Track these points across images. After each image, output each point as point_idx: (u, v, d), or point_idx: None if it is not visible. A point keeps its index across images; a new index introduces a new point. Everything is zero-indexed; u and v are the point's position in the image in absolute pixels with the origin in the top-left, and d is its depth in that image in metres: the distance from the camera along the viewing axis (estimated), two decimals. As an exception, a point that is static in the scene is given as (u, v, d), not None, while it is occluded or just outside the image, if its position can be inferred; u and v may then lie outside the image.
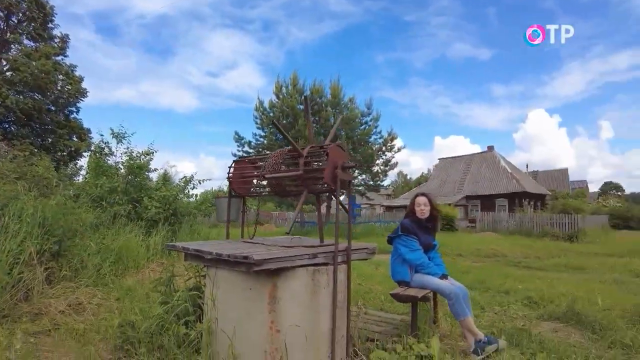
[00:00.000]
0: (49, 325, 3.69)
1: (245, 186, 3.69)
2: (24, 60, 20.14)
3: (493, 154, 32.56)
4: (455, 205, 29.02)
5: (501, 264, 10.63)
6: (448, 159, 36.65)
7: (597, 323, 3.95)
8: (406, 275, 3.51)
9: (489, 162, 32.03)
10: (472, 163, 33.18)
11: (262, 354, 2.68)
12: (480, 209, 28.55)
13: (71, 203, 4.89)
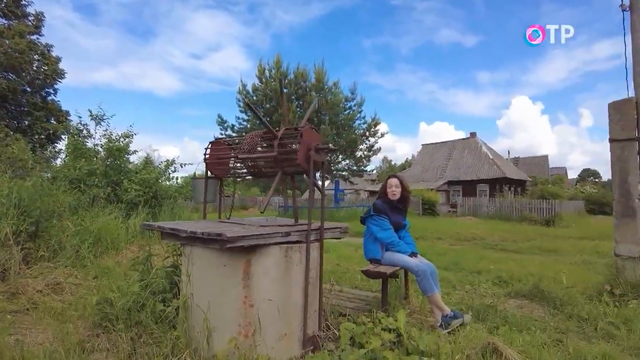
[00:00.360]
0: (26, 304, 3.72)
1: (221, 167, 3.74)
2: (-3, 38, 19.44)
3: (475, 140, 33.06)
4: (437, 190, 29.50)
5: (478, 247, 10.97)
6: (431, 144, 37.07)
7: (559, 299, 4.18)
8: (377, 253, 3.65)
9: (471, 148, 32.54)
10: (454, 149, 33.66)
11: (236, 328, 2.79)
12: (461, 194, 29.11)
13: (48, 184, 4.86)
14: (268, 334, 2.82)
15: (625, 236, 4.17)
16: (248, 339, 2.78)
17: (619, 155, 4.17)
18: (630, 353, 3.02)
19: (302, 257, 2.99)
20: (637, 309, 3.72)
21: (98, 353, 2.94)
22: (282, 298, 2.88)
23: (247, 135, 3.48)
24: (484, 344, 2.68)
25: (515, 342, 2.97)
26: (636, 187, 4.06)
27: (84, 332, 3.27)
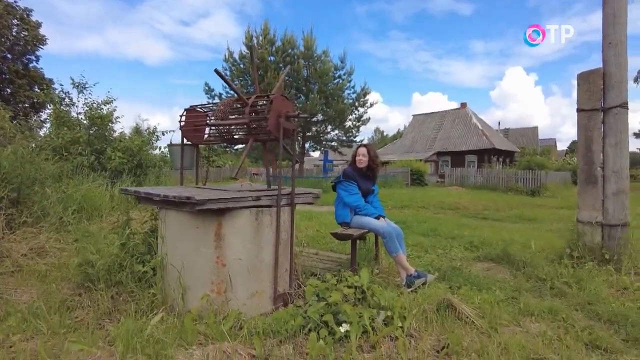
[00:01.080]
0: (11, 267, 3.87)
1: (197, 134, 3.82)
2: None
3: (466, 111, 33.08)
4: (426, 161, 29.75)
5: (460, 215, 11.27)
6: (421, 115, 37.03)
7: (522, 262, 4.42)
8: (347, 217, 3.82)
9: (461, 119, 32.61)
10: (444, 120, 33.71)
11: (209, 285, 2.96)
12: (450, 165, 29.41)
13: (28, 152, 4.90)
14: (240, 292, 3.00)
15: (586, 203, 4.38)
16: (220, 296, 2.96)
17: (585, 124, 4.32)
18: (576, 308, 3.27)
19: (272, 220, 3.14)
20: (592, 270, 3.97)
21: (80, 310, 3.10)
22: (253, 258, 3.05)
23: (220, 102, 3.55)
24: (440, 299, 2.90)
25: (473, 300, 3.18)
26: (599, 156, 4.23)
27: (67, 291, 3.42)
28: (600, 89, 4.19)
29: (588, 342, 2.61)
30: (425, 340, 2.45)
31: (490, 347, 2.38)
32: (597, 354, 2.48)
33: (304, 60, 19.96)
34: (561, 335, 2.67)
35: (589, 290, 3.53)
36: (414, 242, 5.86)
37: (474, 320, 2.75)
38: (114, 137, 7.72)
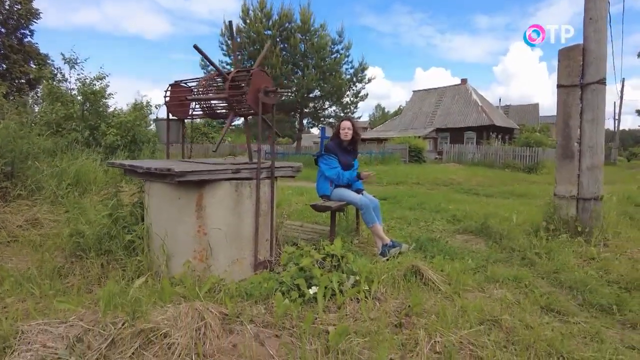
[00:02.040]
0: (7, 237, 4.04)
1: (181, 109, 3.91)
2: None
3: (466, 87, 32.78)
4: (425, 137, 29.71)
5: (452, 191, 11.43)
6: (421, 91, 36.71)
7: (500, 235, 4.58)
8: (327, 190, 3.97)
9: (461, 95, 32.35)
10: (444, 96, 33.44)
11: (192, 253, 3.13)
12: (449, 142, 29.37)
13: (20, 128, 5.01)
14: (221, 259, 3.17)
15: (563, 177, 4.50)
16: (203, 263, 3.14)
17: (564, 100, 4.39)
18: (542, 276, 3.45)
19: (252, 192, 3.28)
20: (565, 242, 4.14)
21: (72, 277, 3.28)
22: (234, 227, 3.21)
23: (202, 77, 3.63)
24: (408, 266, 3.06)
25: (444, 268, 3.35)
26: (576, 131, 4.33)
27: (60, 260, 3.60)
28: (579, 65, 4.24)
29: (544, 305, 2.79)
30: (390, 302, 2.63)
31: (449, 309, 2.55)
32: (551, 316, 2.66)
33: (301, 34, 19.68)
34: (520, 300, 2.86)
35: (557, 260, 3.70)
36: (400, 215, 6.02)
37: (439, 285, 2.93)
38: (108, 112, 7.79)
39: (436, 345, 2.11)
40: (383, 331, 2.23)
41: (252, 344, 2.00)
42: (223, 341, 2.02)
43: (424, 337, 2.17)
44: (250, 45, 19.07)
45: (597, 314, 2.77)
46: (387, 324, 2.36)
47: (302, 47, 19.23)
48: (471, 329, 2.30)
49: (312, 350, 1.99)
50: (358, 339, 2.10)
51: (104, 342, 1.91)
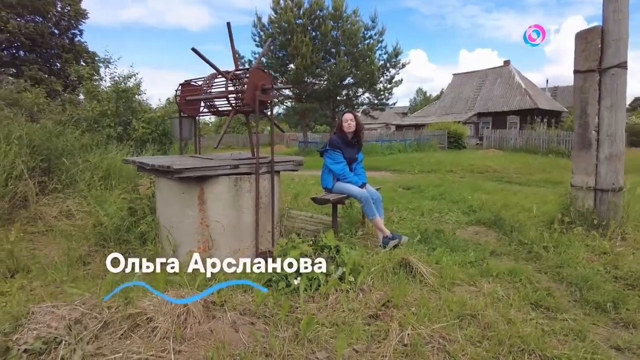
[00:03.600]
0: (43, 227, 4.48)
1: (191, 107, 4.13)
2: (17, -21, 19.78)
3: (509, 69, 31.19)
4: (465, 122, 28.76)
5: (483, 179, 11.09)
6: (462, 74, 35.35)
7: (511, 227, 4.48)
8: (329, 183, 4.05)
9: (503, 78, 30.86)
10: (486, 79, 32.03)
11: (196, 243, 3.36)
12: (491, 127, 28.24)
13: (55, 126, 5.47)
14: (222, 249, 3.38)
15: (580, 167, 4.30)
16: (205, 253, 3.35)
17: (581, 86, 4.17)
18: (545, 271, 3.38)
19: (251, 186, 3.44)
20: (578, 235, 3.99)
21: (93, 264, 3.61)
22: (234, 220, 3.39)
23: (206, 77, 3.81)
24: (399, 259, 3.11)
25: (441, 261, 3.37)
26: (594, 119, 4.11)
27: (85, 249, 3.96)
28: (598, 49, 4.01)
29: (534, 301, 2.76)
30: (373, 294, 2.71)
31: (430, 302, 2.60)
32: (538, 312, 2.63)
33: (333, 21, 19.53)
34: (510, 295, 2.83)
35: (564, 254, 3.59)
36: (416, 206, 5.99)
37: (427, 278, 2.96)
38: (140, 108, 8.25)
39: (405, 337, 2.18)
40: (356, 322, 2.32)
41: (228, 329, 2.17)
42: (203, 326, 2.20)
43: (395, 329, 2.24)
44: (281, 34, 19.21)
45: (591, 311, 2.70)
46: (365, 315, 2.45)
47: (334, 34, 19.09)
48: (447, 323, 2.34)
49: (282, 338, 2.12)
50: (327, 329, 2.21)
51: (98, 324, 2.15)
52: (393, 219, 5.07)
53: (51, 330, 2.10)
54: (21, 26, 20.24)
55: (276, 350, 2.00)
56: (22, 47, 21.40)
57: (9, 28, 19.46)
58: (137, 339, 2.07)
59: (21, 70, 20.11)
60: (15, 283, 2.94)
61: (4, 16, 19.38)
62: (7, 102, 5.82)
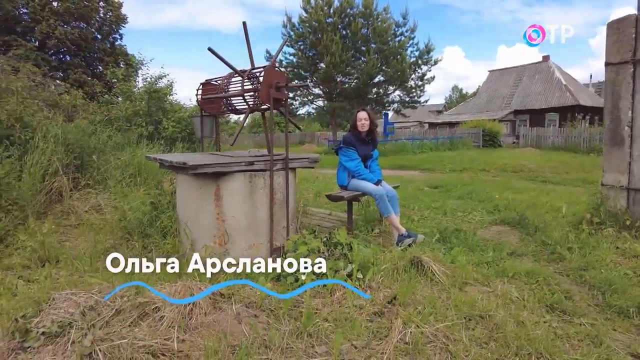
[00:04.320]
0: (75, 221, 4.74)
1: (212, 106, 4.24)
2: (64, -12, 20.90)
3: (548, 64, 29.82)
4: (501, 120, 27.80)
5: (516, 178, 10.71)
6: (498, 71, 34.16)
7: (535, 227, 4.31)
8: (344, 180, 4.05)
9: (542, 74, 29.55)
10: (523, 75, 30.79)
11: (212, 238, 3.45)
12: (528, 125, 27.14)
13: (89, 125, 5.76)
14: (238, 244, 3.45)
15: (612, 165, 4.08)
16: (222, 247, 3.44)
17: (613, 79, 3.94)
18: (568, 273, 3.23)
19: (266, 183, 3.50)
20: (609, 237, 3.78)
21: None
22: (249, 215, 3.46)
23: (224, 76, 3.90)
24: (411, 257, 3.07)
25: (458, 260, 3.29)
26: (627, 114, 3.88)
27: (112, 241, 4.16)
28: (632, 39, 3.78)
29: (551, 304, 2.64)
30: (382, 291, 2.69)
31: (439, 302, 2.55)
32: (553, 315, 2.53)
33: (363, 19, 19.40)
34: (525, 296, 2.73)
35: (590, 256, 3.42)
36: (439, 205, 5.87)
37: (439, 277, 2.91)
38: (171, 107, 8.54)
39: (407, 335, 2.15)
40: (359, 318, 2.32)
41: (231, 321, 2.22)
42: (209, 317, 2.27)
43: (398, 327, 2.21)
44: (312, 34, 19.28)
45: (613, 316, 2.56)
46: (370, 312, 2.44)
47: (364, 32, 18.97)
48: (452, 322, 2.29)
49: (283, 331, 2.15)
50: (329, 324, 2.22)
51: (111, 311, 2.26)
52: (414, 218, 5.00)
53: (67, 316, 2.23)
54: (67, 32, 21.36)
55: (275, 343, 2.04)
56: (68, 52, 22.59)
57: (57, 35, 20.60)
58: (145, 327, 2.16)
59: (67, 73, 21.26)
60: (44, 272, 3.13)
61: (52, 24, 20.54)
62: (47, 103, 6.18)
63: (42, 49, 20.82)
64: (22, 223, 4.05)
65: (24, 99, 5.27)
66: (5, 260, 3.53)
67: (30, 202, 4.29)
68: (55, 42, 21.24)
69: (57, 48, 22.27)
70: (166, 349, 2.01)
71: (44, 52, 20.72)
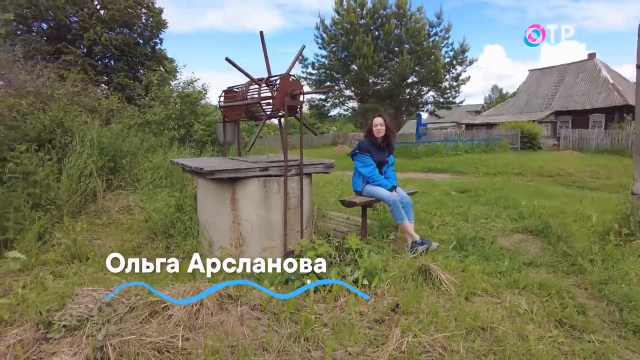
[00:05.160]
0: (107, 220, 5.04)
1: (233, 112, 4.39)
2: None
3: (593, 62, 28.27)
4: (541, 122, 26.66)
5: (551, 183, 10.28)
6: (539, 70, 32.73)
7: (558, 236, 4.16)
8: (359, 186, 4.07)
9: (587, 73, 28.05)
10: (566, 74, 29.34)
11: (228, 240, 3.59)
12: (570, 126, 25.88)
13: (122, 129, 6.11)
14: (252, 247, 3.58)
15: (642, 173, 3.88)
16: (237, 249, 3.58)
17: (644, 83, 3.76)
18: (586, 286, 3.12)
19: (280, 188, 3.60)
20: (638, 249, 3.61)
21: (142, 255, 4.01)
22: (263, 219, 3.57)
23: (244, 84, 4.03)
24: (419, 265, 3.07)
25: (470, 269, 3.25)
26: (659, 120, 3.69)
27: (138, 241, 4.39)
28: (664, 42, 3.59)
29: (560, 318, 2.57)
30: (386, 299, 2.72)
31: (442, 311, 2.54)
32: (562, 331, 2.46)
33: (396, 20, 19.23)
34: (534, 310, 2.67)
35: (613, 269, 3.28)
36: (462, 210, 5.76)
37: (446, 287, 2.89)
38: (201, 111, 8.86)
39: (403, 344, 2.17)
40: (359, 324, 2.36)
41: (235, 322, 2.33)
42: (214, 318, 2.38)
43: (396, 335, 2.24)
44: (344, 36, 19.32)
45: (628, 334, 2.46)
46: (371, 319, 2.48)
47: (397, 32, 18.81)
48: (451, 333, 2.29)
49: (282, 334, 2.23)
50: (328, 329, 2.28)
51: (125, 308, 2.42)
52: (433, 224, 4.95)
53: (86, 311, 2.42)
54: (112, 39, 22.56)
55: (272, 346, 2.12)
56: (112, 57, 23.82)
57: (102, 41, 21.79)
58: (155, 324, 2.30)
59: (111, 77, 22.45)
60: (73, 268, 3.38)
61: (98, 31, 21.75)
62: (87, 108, 6.60)
63: (90, 55, 22.02)
64: (58, 221, 4.35)
65: (65, 105, 5.65)
66: (42, 256, 3.82)
67: (66, 202, 4.61)
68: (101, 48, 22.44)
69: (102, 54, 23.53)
70: (171, 346, 2.14)
71: (91, 57, 21.90)
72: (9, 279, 3.25)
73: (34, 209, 4.20)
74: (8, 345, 2.19)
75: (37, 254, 3.76)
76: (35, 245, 3.89)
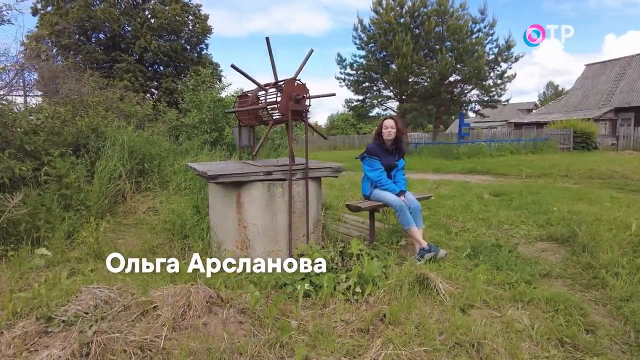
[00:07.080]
0: (133, 221, 5.32)
1: (247, 117, 4.47)
2: (160, 7, 23.29)
3: (661, 53, 25.93)
4: (598, 119, 24.84)
5: (599, 186, 9.54)
6: (596, 64, 30.49)
7: (584, 246, 3.86)
8: (367, 190, 4.00)
9: (653, 65, 25.76)
10: (628, 68, 27.08)
11: (234, 243, 3.68)
12: (633, 124, 23.87)
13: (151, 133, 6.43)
14: (257, 250, 3.63)
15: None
16: (243, 252, 3.65)
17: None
18: (603, 302, 2.88)
19: (284, 192, 3.62)
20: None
21: (160, 255, 4.20)
22: (268, 223, 3.62)
23: (254, 89, 4.11)
24: (418, 274, 2.97)
25: (477, 278, 3.10)
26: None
27: (158, 240, 4.60)
28: None
29: (562, 337, 2.39)
30: (376, 307, 2.66)
31: (429, 322, 2.45)
32: (561, 350, 2.28)
33: (437, 17, 18.68)
34: (535, 326, 2.50)
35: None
36: (487, 216, 5.49)
37: (443, 297, 2.78)
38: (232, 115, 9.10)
39: (381, 356, 2.12)
40: (342, 333, 2.33)
41: (218, 325, 2.38)
42: (200, 320, 2.45)
43: (376, 346, 2.19)
44: (382, 36, 19.07)
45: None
46: (355, 328, 2.43)
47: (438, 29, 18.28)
48: (432, 347, 2.20)
49: (259, 339, 2.25)
50: (305, 337, 2.27)
51: (120, 306, 2.55)
52: (452, 230, 4.76)
53: (87, 306, 2.57)
54: (160, 45, 23.80)
55: (247, 350, 2.14)
56: (161, 63, 25.10)
57: (152, 48, 23.02)
58: (145, 323, 2.40)
59: (160, 82, 23.68)
60: (90, 266, 3.60)
61: (148, 39, 23.02)
62: (123, 114, 7.02)
63: (141, 62, 23.32)
64: (87, 221, 4.66)
65: (101, 111, 6.03)
66: (68, 253, 4.11)
67: (95, 203, 4.92)
68: (151, 55, 23.70)
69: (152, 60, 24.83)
70: (154, 346, 2.22)
71: (142, 64, 23.19)
72: (34, 274, 3.53)
73: (65, 209, 4.52)
74: (14, 336, 2.37)
75: (63, 251, 4.04)
76: (64, 244, 4.18)
